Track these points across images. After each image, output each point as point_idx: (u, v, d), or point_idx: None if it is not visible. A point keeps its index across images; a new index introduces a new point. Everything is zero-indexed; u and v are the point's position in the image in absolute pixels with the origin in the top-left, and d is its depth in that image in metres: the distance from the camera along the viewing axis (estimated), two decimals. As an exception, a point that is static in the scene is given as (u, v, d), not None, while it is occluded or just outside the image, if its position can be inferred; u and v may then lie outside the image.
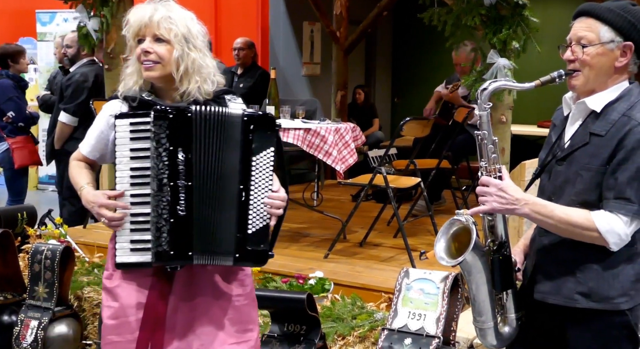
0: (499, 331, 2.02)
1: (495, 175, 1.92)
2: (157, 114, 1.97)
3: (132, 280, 2.07)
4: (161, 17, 2.01)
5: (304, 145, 4.21)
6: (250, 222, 2.02)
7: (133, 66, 2.08)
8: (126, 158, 2.01)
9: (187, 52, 2.04)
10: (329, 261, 4.15)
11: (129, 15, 2.06)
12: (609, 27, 1.86)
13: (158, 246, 1.99)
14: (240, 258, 2.03)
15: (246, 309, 2.16)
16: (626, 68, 1.91)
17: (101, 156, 2.16)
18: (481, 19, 3.57)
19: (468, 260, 1.93)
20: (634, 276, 1.88)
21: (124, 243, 2.02)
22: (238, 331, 2.12)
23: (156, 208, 1.98)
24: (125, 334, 2.06)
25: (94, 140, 2.15)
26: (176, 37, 2.03)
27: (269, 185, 2.03)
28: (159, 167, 1.97)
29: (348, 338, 3.14)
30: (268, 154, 2.02)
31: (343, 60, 7.06)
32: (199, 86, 2.06)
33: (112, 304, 2.08)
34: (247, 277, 2.18)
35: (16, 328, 3.51)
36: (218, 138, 2.00)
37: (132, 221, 2.01)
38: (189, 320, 2.08)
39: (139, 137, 2.00)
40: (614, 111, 1.87)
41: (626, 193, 1.81)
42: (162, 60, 2.02)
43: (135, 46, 2.05)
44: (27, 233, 4.27)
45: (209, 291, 2.10)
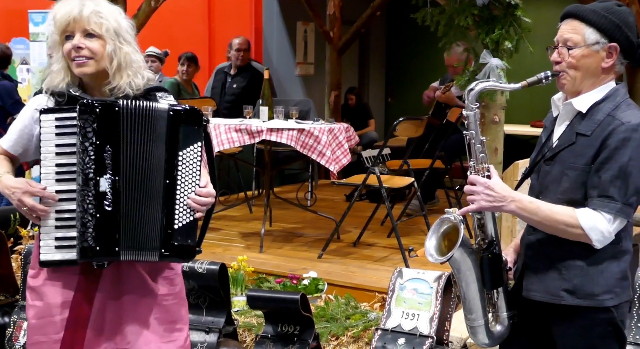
0: (491, 329, 2.04)
1: (484, 174, 1.94)
2: (82, 108, 1.93)
3: (58, 278, 2.02)
4: (91, 12, 1.97)
5: (298, 145, 4.21)
6: (177, 217, 1.98)
7: (59, 63, 2.02)
8: (51, 154, 1.96)
9: (119, 46, 2.01)
10: (322, 261, 4.16)
11: (55, 11, 2.00)
12: (594, 29, 1.89)
13: (83, 242, 1.94)
14: (166, 253, 1.99)
15: (175, 309, 2.12)
16: (612, 69, 1.93)
17: (24, 151, 2.09)
18: (474, 19, 3.58)
19: (457, 257, 1.95)
20: (619, 273, 1.91)
21: (49, 241, 1.96)
22: (166, 330, 2.10)
23: (82, 203, 1.94)
24: (50, 334, 2.02)
25: (17, 134, 2.08)
26: (108, 31, 1.99)
27: (196, 179, 2.00)
28: (85, 161, 1.93)
29: (342, 338, 3.14)
30: (195, 149, 1.99)
31: (336, 60, 7.06)
32: (130, 80, 2.03)
33: (37, 303, 2.04)
34: (176, 276, 2.15)
35: (9, 329, 3.49)
36: (144, 132, 1.97)
37: (57, 218, 1.95)
38: (117, 319, 2.05)
39: (65, 132, 1.96)
40: (599, 111, 1.90)
41: (609, 192, 1.83)
42: (95, 56, 1.99)
43: (62, 42, 2.00)
44: (19, 234, 4.25)
45: (137, 289, 2.07)
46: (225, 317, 3.12)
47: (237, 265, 3.75)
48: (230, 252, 4.37)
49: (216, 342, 3.05)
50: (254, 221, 5.24)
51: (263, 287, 3.64)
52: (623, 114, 1.86)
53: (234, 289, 3.64)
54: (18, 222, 4.27)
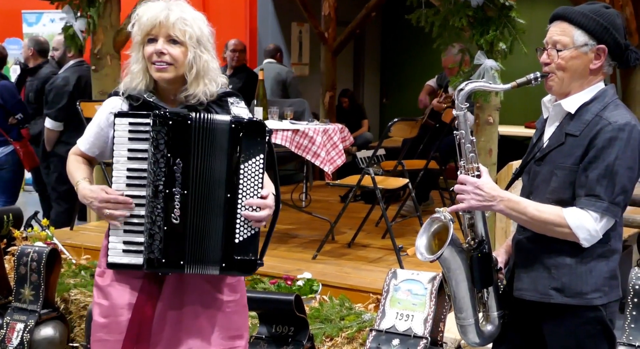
0: (481, 328, 2.05)
1: (474, 174, 1.96)
2: (156, 119, 1.95)
3: (123, 280, 2.06)
4: (177, 18, 1.98)
5: (292, 146, 4.20)
6: (238, 231, 1.99)
7: (138, 64, 2.03)
8: (123, 158, 1.98)
9: (199, 55, 2.03)
10: (317, 262, 4.15)
11: (140, 12, 2.01)
12: (582, 31, 1.91)
13: (150, 253, 1.97)
14: (226, 267, 2.01)
15: (236, 316, 2.14)
16: (601, 70, 1.95)
17: (100, 153, 2.14)
18: (468, 20, 3.59)
19: (446, 256, 1.96)
20: (608, 272, 1.92)
21: (117, 244, 2.00)
22: (226, 337, 2.11)
23: (150, 214, 1.96)
24: (114, 333, 2.05)
25: (93, 136, 2.13)
26: (191, 39, 2.01)
27: (257, 193, 2.00)
28: (155, 173, 1.95)
29: (336, 339, 3.14)
30: (257, 161, 1.99)
31: (331, 61, 7.06)
32: (206, 89, 2.05)
33: (103, 302, 2.07)
34: (239, 283, 2.16)
35: (2, 331, 3.48)
36: (209, 145, 1.98)
37: (126, 222, 2.00)
38: (177, 325, 2.06)
39: (137, 137, 1.98)
40: (587, 112, 1.92)
41: (596, 191, 1.86)
42: (175, 62, 2.00)
43: (144, 44, 2.02)
44: (13, 235, 4.23)
45: (199, 296, 2.08)
46: (219, 318, 3.12)
47: (231, 266, 3.74)
48: (224, 253, 4.36)
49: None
50: (248, 222, 5.22)
51: (257, 288, 3.63)
52: (610, 114, 1.89)
53: (228, 290, 3.63)
54: (11, 223, 4.25)
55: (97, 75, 4.85)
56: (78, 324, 3.72)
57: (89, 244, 4.32)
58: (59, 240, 4.29)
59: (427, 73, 7.60)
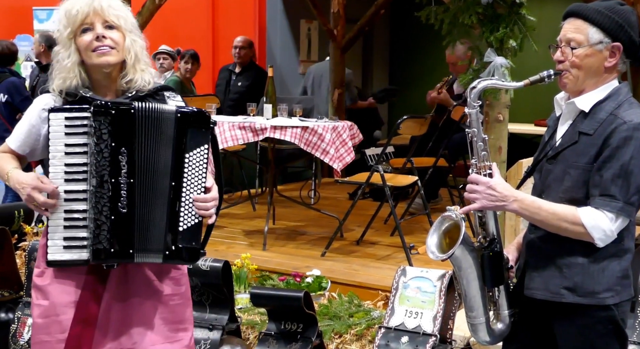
0: (492, 327, 2.04)
1: (486, 172, 1.95)
2: (97, 109, 1.93)
3: (64, 278, 2.02)
4: (108, 5, 2.00)
5: (302, 143, 4.21)
6: (182, 219, 1.99)
7: (71, 58, 2.00)
8: (60, 153, 1.95)
9: (134, 39, 2.03)
10: (326, 259, 4.16)
11: (67, 7, 2.01)
12: (597, 29, 1.89)
13: (97, 244, 1.95)
14: (170, 255, 2.00)
15: (180, 309, 2.13)
16: (615, 68, 1.94)
17: (31, 151, 2.09)
18: (478, 17, 3.57)
19: (457, 255, 1.96)
20: (620, 272, 1.91)
21: (57, 240, 1.96)
22: (171, 330, 2.10)
23: (96, 204, 1.94)
24: (55, 333, 2.02)
25: (24, 134, 2.07)
26: (125, 23, 2.02)
27: (202, 182, 2.00)
28: (100, 163, 1.94)
29: (345, 336, 3.14)
30: (202, 151, 1.99)
31: (340, 58, 7.06)
32: (144, 75, 2.04)
33: (42, 302, 2.04)
34: (182, 276, 2.15)
35: (13, 325, 3.50)
36: (154, 134, 1.97)
37: (65, 218, 1.96)
38: (122, 319, 2.05)
39: (74, 132, 1.95)
40: (601, 110, 1.90)
41: (611, 191, 1.84)
42: (117, 46, 2.00)
43: (77, 36, 2.00)
44: (24, 230, 4.26)
45: (143, 289, 2.07)
46: (228, 314, 3.13)
47: (240, 262, 3.76)
48: (233, 250, 4.38)
49: (219, 339, 3.06)
50: (257, 219, 5.24)
51: (266, 285, 3.64)
52: (625, 113, 1.87)
53: (238, 286, 3.65)
54: (22, 219, 4.28)
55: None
56: (88, 320, 3.74)
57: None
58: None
59: (436, 71, 7.60)
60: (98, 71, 2.03)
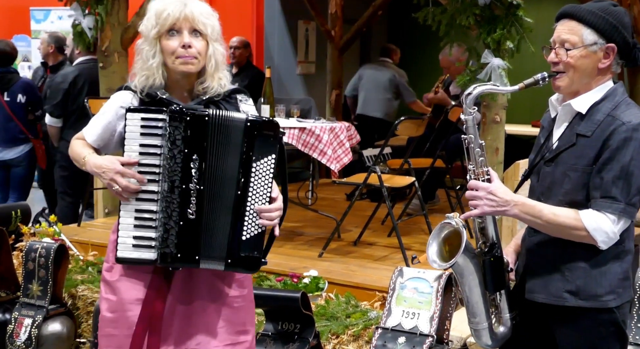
0: (494, 331, 2.04)
1: (484, 178, 1.93)
2: (173, 115, 1.95)
3: (132, 275, 2.06)
4: (200, 12, 2.01)
5: (299, 144, 4.21)
6: (245, 228, 2.01)
7: (155, 59, 2.02)
8: (135, 153, 1.98)
9: (217, 48, 2.06)
10: (323, 260, 4.16)
11: (158, 6, 2.01)
12: (591, 30, 1.89)
13: (165, 247, 1.98)
14: (232, 263, 2.02)
15: (243, 311, 2.15)
16: (609, 69, 1.93)
17: (105, 145, 2.13)
18: (475, 18, 3.59)
19: (459, 263, 1.94)
20: (622, 274, 1.91)
21: (127, 238, 2.00)
22: (234, 332, 2.12)
23: (166, 208, 1.97)
24: (122, 328, 2.05)
25: (101, 129, 2.11)
26: (212, 32, 2.04)
27: (267, 192, 2.01)
28: (171, 168, 1.96)
29: (342, 336, 3.15)
30: (269, 161, 2.00)
31: (338, 59, 7.07)
32: (221, 82, 2.07)
33: (111, 297, 2.08)
34: (246, 279, 2.18)
35: (10, 326, 3.50)
36: (224, 142, 1.99)
37: (136, 217, 1.99)
38: (186, 319, 2.08)
39: (150, 132, 1.98)
40: (598, 112, 1.90)
41: (612, 192, 1.83)
42: (200, 55, 2.02)
43: (161, 39, 2.01)
44: (21, 231, 4.26)
45: (207, 291, 2.09)
46: (225, 315, 3.13)
47: (237, 263, 3.75)
48: (230, 250, 4.37)
49: (217, 340, 3.06)
50: (254, 219, 5.23)
51: (263, 285, 3.64)
52: (623, 114, 1.86)
53: (235, 287, 3.64)
54: (19, 219, 4.28)
55: (104, 73, 4.87)
56: (85, 320, 3.74)
57: (96, 240, 4.34)
58: (66, 236, 4.31)
59: (434, 72, 7.61)
60: (176, 74, 2.05)
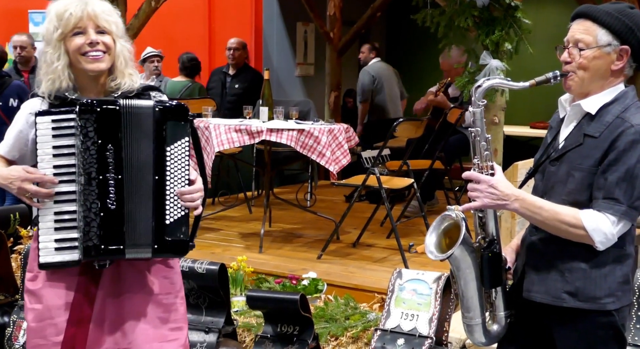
0: (487, 328, 2.04)
1: (488, 172, 1.93)
2: (83, 108, 1.94)
3: (57, 280, 2.02)
4: (101, 10, 2.01)
5: (298, 145, 4.21)
6: (168, 213, 1.99)
7: (61, 61, 2.00)
8: (48, 155, 1.96)
9: (123, 44, 2.06)
10: (322, 261, 4.16)
11: (59, 8, 2.00)
12: (606, 31, 1.87)
13: (87, 241, 1.95)
14: (158, 249, 2.00)
15: (174, 307, 2.13)
16: (622, 72, 1.92)
17: (20, 156, 2.09)
18: (474, 20, 3.59)
19: (457, 255, 1.94)
20: (622, 277, 1.90)
21: (48, 243, 1.95)
22: (166, 329, 2.10)
23: (85, 201, 1.95)
24: (50, 336, 2.01)
25: (13, 139, 2.07)
26: (117, 28, 2.04)
27: (185, 174, 2.01)
28: (86, 161, 1.94)
29: (341, 338, 3.15)
30: (183, 144, 2.00)
31: (336, 60, 7.08)
32: (132, 78, 2.06)
33: (36, 306, 2.03)
34: (176, 275, 2.16)
35: (8, 329, 3.49)
36: (136, 129, 1.98)
37: (56, 220, 1.95)
38: (117, 318, 2.05)
39: (62, 133, 1.96)
40: (608, 113, 1.89)
41: (615, 194, 1.83)
42: (109, 51, 2.01)
43: (67, 39, 1.99)
44: (19, 233, 4.25)
45: (137, 288, 2.07)
46: (224, 317, 3.12)
47: (236, 265, 3.75)
48: (229, 252, 4.37)
49: (216, 342, 3.05)
50: (253, 221, 5.24)
51: (262, 287, 3.64)
52: (632, 117, 1.85)
53: (234, 289, 3.65)
54: (18, 222, 4.27)
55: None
56: (84, 323, 3.73)
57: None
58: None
59: (433, 73, 7.61)
60: (86, 75, 2.04)
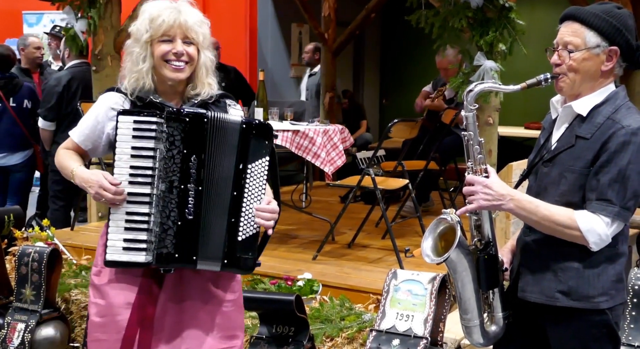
0: (486, 329, 2.04)
1: (482, 175, 1.94)
2: (172, 116, 1.98)
3: (121, 279, 2.06)
4: (194, 21, 2.03)
5: (293, 146, 4.21)
6: (241, 229, 2.02)
7: (146, 63, 2.03)
8: (126, 155, 1.99)
9: (207, 55, 2.09)
10: (317, 262, 4.16)
11: (152, 12, 2.02)
12: (594, 32, 1.88)
13: (162, 248, 1.99)
14: (228, 264, 2.03)
15: (234, 315, 2.15)
16: (612, 72, 1.93)
17: (93, 147, 2.12)
18: (468, 21, 3.59)
19: (453, 258, 1.95)
20: (615, 276, 1.91)
21: (116, 241, 1.99)
22: (224, 337, 2.12)
23: (164, 209, 1.98)
24: (111, 332, 2.04)
25: (89, 129, 2.11)
26: (203, 40, 2.06)
27: (261, 193, 2.04)
28: (170, 169, 1.98)
29: (336, 339, 3.15)
30: (263, 163, 2.03)
31: (331, 61, 7.07)
32: (211, 88, 2.09)
33: (100, 301, 2.07)
34: (236, 283, 2.18)
35: (3, 330, 3.49)
36: (220, 143, 2.01)
37: (127, 220, 1.99)
38: (177, 323, 2.07)
39: (142, 135, 1.98)
40: (599, 114, 1.90)
41: (607, 195, 1.84)
42: (192, 61, 2.05)
43: (153, 43, 2.02)
44: (14, 235, 4.24)
45: (198, 295, 2.09)
46: (220, 318, 3.12)
47: (231, 266, 3.75)
48: (224, 253, 4.36)
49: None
50: (248, 222, 5.23)
51: (258, 288, 3.64)
52: (623, 118, 1.87)
53: (229, 290, 3.64)
54: (12, 223, 4.26)
55: (97, 76, 4.86)
56: (79, 325, 3.72)
57: (90, 244, 4.33)
58: (59, 240, 4.30)
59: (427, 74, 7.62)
60: (167, 81, 2.06)
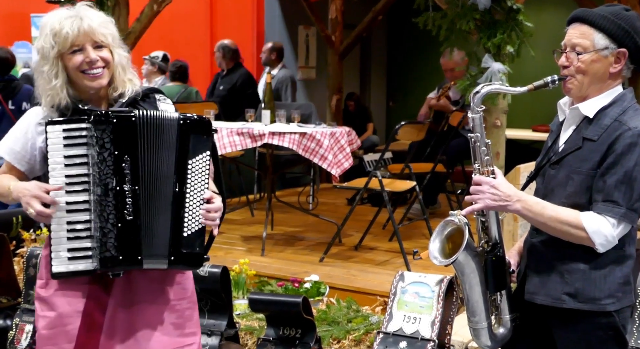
0: (493, 331, 2.04)
1: (489, 177, 1.94)
2: (99, 118, 1.94)
3: (68, 288, 2.02)
4: (97, 24, 1.99)
5: (300, 149, 4.22)
6: (186, 225, 2.00)
7: (59, 79, 1.99)
8: (59, 165, 1.95)
9: (120, 53, 2.05)
10: (324, 264, 4.16)
11: (53, 25, 1.97)
12: (603, 34, 1.88)
13: (105, 252, 1.94)
14: (175, 261, 2.00)
15: (188, 313, 2.13)
16: (620, 74, 1.93)
17: (29, 166, 2.07)
18: (475, 23, 3.59)
19: (461, 260, 1.95)
20: (622, 278, 1.91)
21: (61, 252, 1.95)
22: (180, 335, 2.10)
23: (102, 213, 1.94)
24: (61, 343, 2.01)
25: (20, 147, 2.05)
26: (113, 40, 2.03)
27: (204, 188, 2.01)
28: (103, 172, 1.94)
29: (343, 341, 3.14)
30: (203, 158, 2.01)
31: (338, 64, 7.08)
32: (132, 84, 2.06)
33: (48, 314, 2.03)
34: (187, 280, 2.16)
35: (11, 332, 3.50)
36: (157, 141, 1.98)
37: (68, 230, 1.95)
38: (129, 325, 2.05)
39: (73, 143, 1.95)
40: (606, 116, 1.90)
41: (614, 196, 1.84)
42: (108, 65, 2.01)
43: (65, 56, 1.97)
44: (22, 237, 4.26)
45: (149, 296, 2.07)
46: (227, 320, 3.13)
47: (238, 268, 3.75)
48: (232, 255, 4.37)
49: (218, 345, 3.05)
50: (255, 224, 5.24)
51: (265, 290, 3.64)
52: (630, 119, 1.86)
53: (236, 292, 3.65)
54: (20, 225, 4.28)
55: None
56: (86, 326, 3.73)
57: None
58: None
59: (434, 77, 7.62)
60: (87, 90, 2.03)
